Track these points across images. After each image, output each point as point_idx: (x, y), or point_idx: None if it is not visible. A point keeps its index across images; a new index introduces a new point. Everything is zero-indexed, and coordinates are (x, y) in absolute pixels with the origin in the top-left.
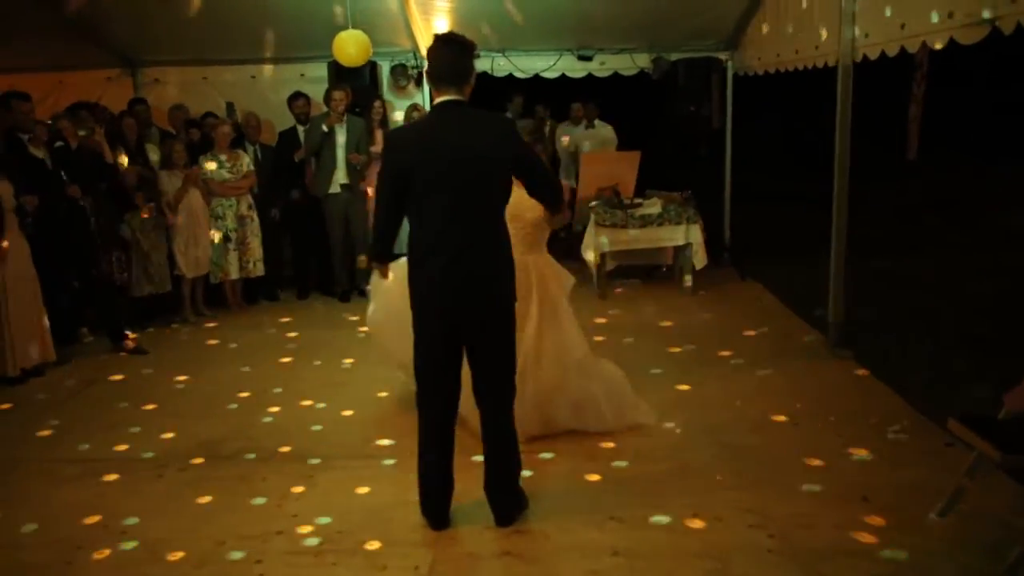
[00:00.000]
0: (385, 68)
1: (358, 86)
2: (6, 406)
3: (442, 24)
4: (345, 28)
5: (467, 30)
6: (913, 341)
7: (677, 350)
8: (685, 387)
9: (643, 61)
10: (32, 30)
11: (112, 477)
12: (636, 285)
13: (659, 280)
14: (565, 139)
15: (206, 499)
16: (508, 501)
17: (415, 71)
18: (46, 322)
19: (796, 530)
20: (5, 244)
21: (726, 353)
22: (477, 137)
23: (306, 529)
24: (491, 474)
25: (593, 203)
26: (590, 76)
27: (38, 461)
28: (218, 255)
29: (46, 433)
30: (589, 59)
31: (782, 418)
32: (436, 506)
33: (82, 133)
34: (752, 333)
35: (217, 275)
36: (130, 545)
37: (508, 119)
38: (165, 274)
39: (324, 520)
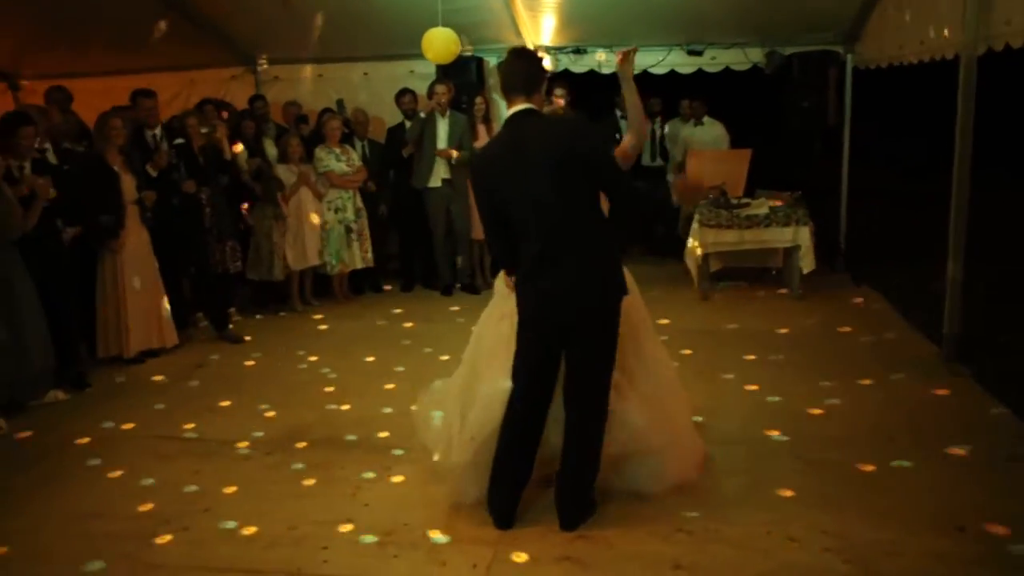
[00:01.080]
0: (491, 64)
1: (463, 82)
2: (141, 378)
3: (549, 21)
4: (437, 25)
5: (574, 26)
6: None
7: (772, 357)
8: (775, 398)
9: (756, 56)
10: (167, 33)
11: (204, 457)
12: (742, 287)
13: (767, 283)
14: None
15: (287, 483)
16: (577, 506)
17: None
18: (166, 307)
19: (878, 558)
20: (123, 238)
21: (824, 362)
22: (552, 142)
23: (375, 519)
24: (565, 479)
25: (701, 202)
26: (700, 72)
27: (143, 438)
28: (339, 246)
29: (153, 412)
30: (699, 54)
31: (872, 432)
32: (503, 503)
33: (204, 131)
34: (857, 342)
35: (336, 267)
36: (208, 522)
37: (582, 119)
38: (279, 264)
39: (394, 511)
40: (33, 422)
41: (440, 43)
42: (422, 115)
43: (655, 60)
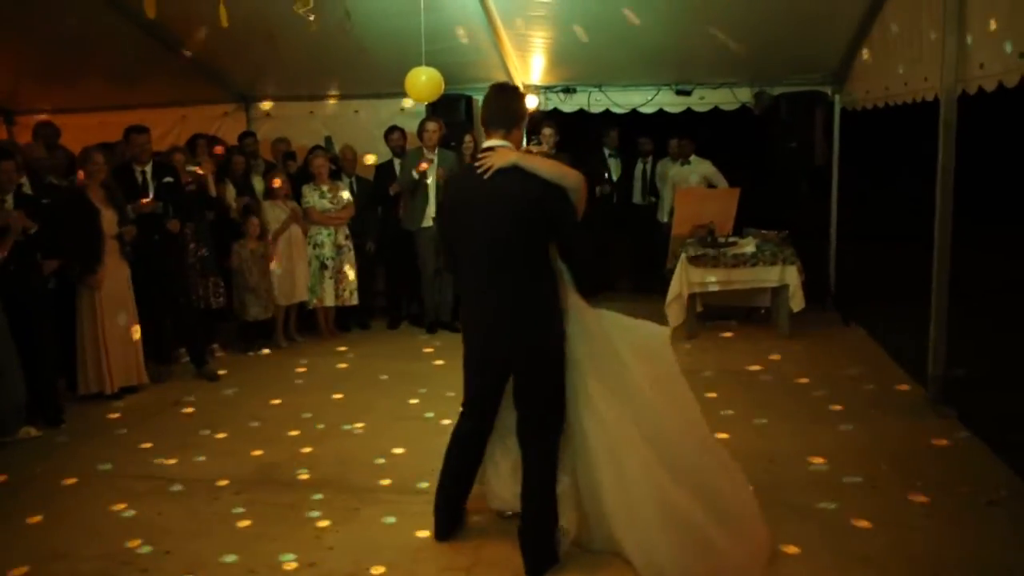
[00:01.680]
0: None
1: (452, 120)
2: (113, 415)
3: (539, 60)
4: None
5: (563, 65)
6: None
7: (757, 396)
8: (757, 438)
9: (744, 95)
10: (161, 71)
11: (172, 496)
12: (731, 327)
13: (756, 323)
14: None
15: (249, 523)
16: (538, 552)
17: None
18: (140, 344)
19: None
20: (101, 274)
21: (810, 403)
22: (522, 190)
23: (338, 562)
24: (525, 524)
25: (687, 241)
26: (689, 111)
27: (115, 475)
28: (314, 282)
29: (125, 449)
30: (688, 94)
31: (858, 479)
32: (442, 512)
33: (190, 168)
34: (845, 383)
35: (311, 301)
36: (171, 566)
37: (514, 169)
38: (271, 300)
39: (357, 554)
40: (3, 457)
41: (422, 83)
42: (415, 176)
43: (644, 99)
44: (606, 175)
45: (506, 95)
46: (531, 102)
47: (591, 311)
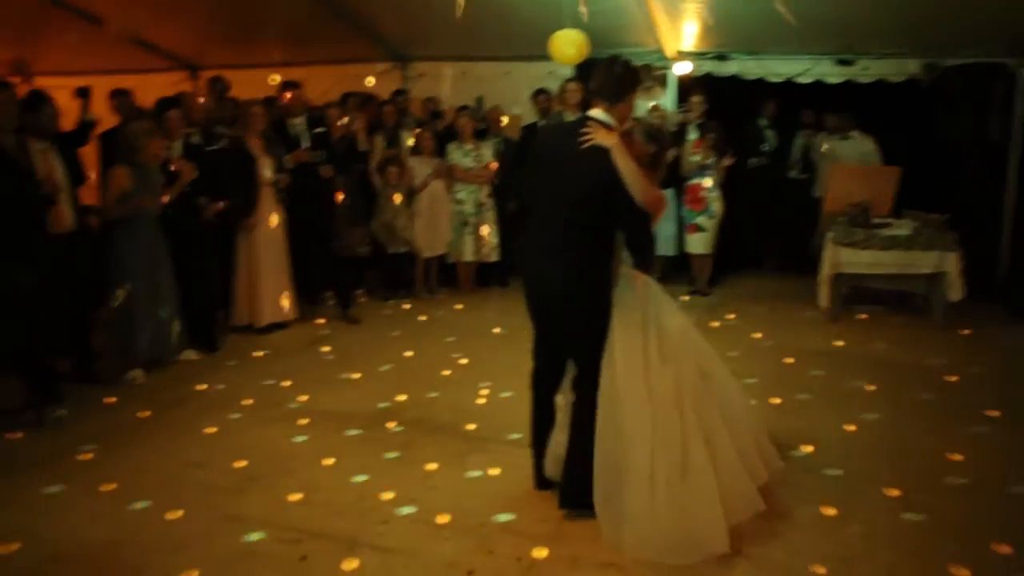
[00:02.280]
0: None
1: None
2: (259, 354)
3: (690, 28)
4: (565, 27)
5: (717, 32)
6: None
7: (892, 388)
8: (888, 430)
9: (913, 67)
10: (326, 31)
11: (303, 425)
12: (879, 313)
13: (910, 310)
14: (825, 146)
15: (370, 458)
16: (569, 488)
17: (661, 72)
18: (292, 284)
19: None
20: (256, 218)
21: (953, 401)
22: (582, 161)
23: (438, 501)
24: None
25: (838, 219)
26: (849, 83)
27: (254, 402)
28: (455, 237)
29: (269, 382)
30: (850, 64)
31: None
32: (535, 458)
33: (342, 122)
34: (999, 383)
35: (452, 255)
36: (290, 484)
37: (605, 152)
38: (411, 239)
39: (459, 498)
40: (164, 377)
41: (562, 45)
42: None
43: (801, 69)
44: (763, 147)
45: (616, 69)
46: (684, 68)
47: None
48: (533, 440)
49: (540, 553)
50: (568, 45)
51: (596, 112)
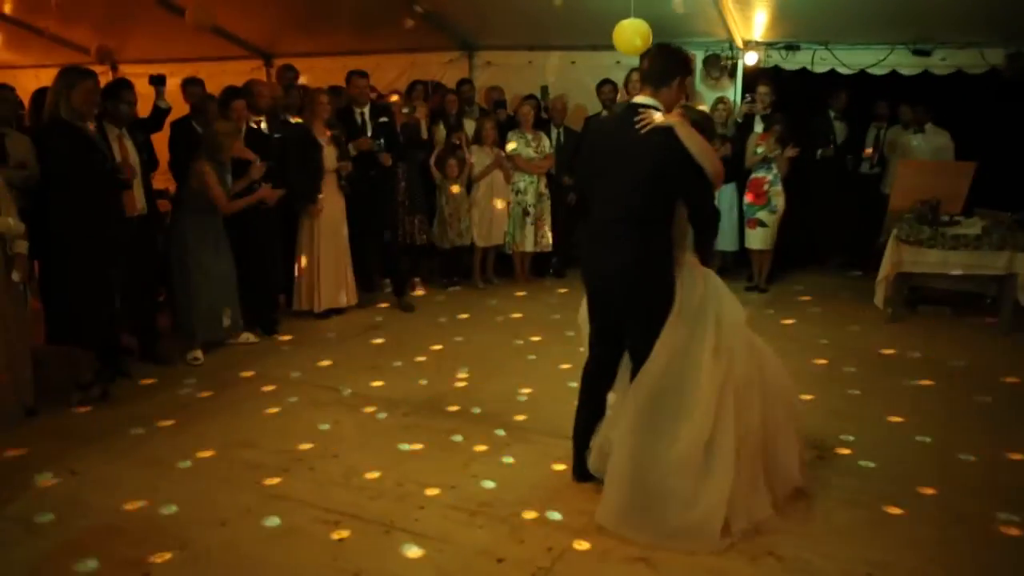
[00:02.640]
0: (699, 58)
1: None
2: (314, 338)
3: (761, 17)
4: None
5: (787, 21)
6: None
7: (944, 392)
8: (926, 438)
9: (995, 57)
10: (394, 20)
11: (349, 409)
12: (943, 314)
13: (977, 313)
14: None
15: (412, 444)
16: None
17: (729, 62)
18: (351, 270)
19: None
20: (319, 204)
21: (1013, 410)
22: (642, 144)
23: (476, 490)
24: None
25: (905, 216)
26: (926, 73)
27: (305, 385)
28: (514, 227)
29: (322, 365)
30: (927, 54)
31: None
32: (575, 448)
33: (405, 111)
34: None
35: (510, 246)
36: (332, 467)
37: (669, 130)
38: (466, 233)
39: (496, 486)
40: (223, 358)
41: (626, 34)
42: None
43: (875, 59)
44: (831, 138)
45: (662, 55)
46: (750, 59)
47: (700, 268)
48: (576, 432)
49: (570, 544)
50: (633, 35)
51: (641, 98)
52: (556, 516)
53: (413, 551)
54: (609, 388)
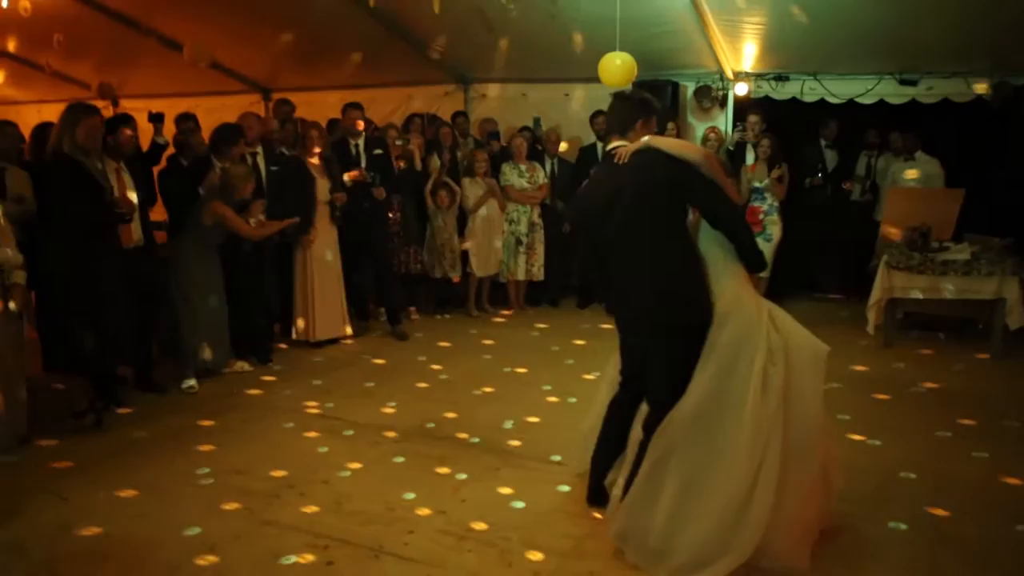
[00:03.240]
0: (690, 90)
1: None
2: (309, 367)
3: (750, 48)
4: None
5: (776, 52)
6: None
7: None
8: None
9: (980, 86)
10: (390, 54)
11: (339, 436)
12: (935, 340)
13: (969, 338)
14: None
15: (402, 469)
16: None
17: (720, 93)
18: (344, 301)
19: None
20: (313, 235)
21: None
22: (631, 171)
23: (465, 515)
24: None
25: (895, 243)
26: (913, 102)
27: (298, 412)
28: (507, 256)
29: (314, 394)
30: (914, 84)
31: None
32: (591, 475)
33: (399, 143)
34: None
35: (504, 275)
36: (323, 493)
37: (657, 151)
38: (457, 264)
39: (485, 511)
40: (217, 387)
41: (616, 67)
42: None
43: (863, 89)
44: (820, 166)
45: (619, 104)
46: (740, 89)
47: (753, 298)
48: (595, 458)
49: (558, 566)
50: (618, 67)
51: (613, 144)
52: (543, 540)
53: (403, 575)
54: (629, 428)
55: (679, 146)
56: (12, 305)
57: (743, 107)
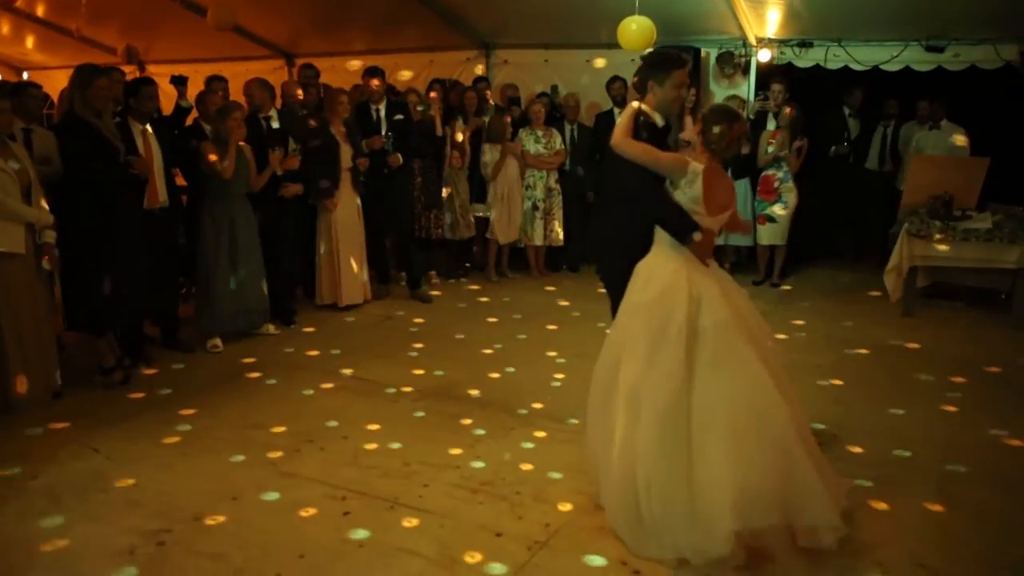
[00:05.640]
0: (712, 56)
1: None
2: (331, 329)
3: (774, 14)
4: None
5: (800, 18)
6: None
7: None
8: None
9: (1009, 53)
10: (413, 20)
11: (361, 394)
12: (956, 308)
13: (991, 308)
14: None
15: (420, 427)
16: None
17: (743, 59)
18: (366, 265)
19: None
20: (336, 199)
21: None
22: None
23: (479, 469)
24: None
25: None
26: (939, 69)
27: (317, 371)
28: (525, 222)
29: (337, 355)
30: (940, 50)
31: None
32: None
33: (420, 108)
34: None
35: (523, 240)
36: (343, 447)
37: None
38: (472, 226)
39: (499, 468)
40: (242, 347)
41: (633, 31)
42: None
43: (888, 56)
44: (846, 134)
45: (641, 68)
46: (764, 56)
47: (714, 272)
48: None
49: (568, 520)
50: (635, 32)
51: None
52: (555, 495)
53: (415, 524)
54: None
55: (618, 122)
56: (46, 263)
57: (766, 74)
